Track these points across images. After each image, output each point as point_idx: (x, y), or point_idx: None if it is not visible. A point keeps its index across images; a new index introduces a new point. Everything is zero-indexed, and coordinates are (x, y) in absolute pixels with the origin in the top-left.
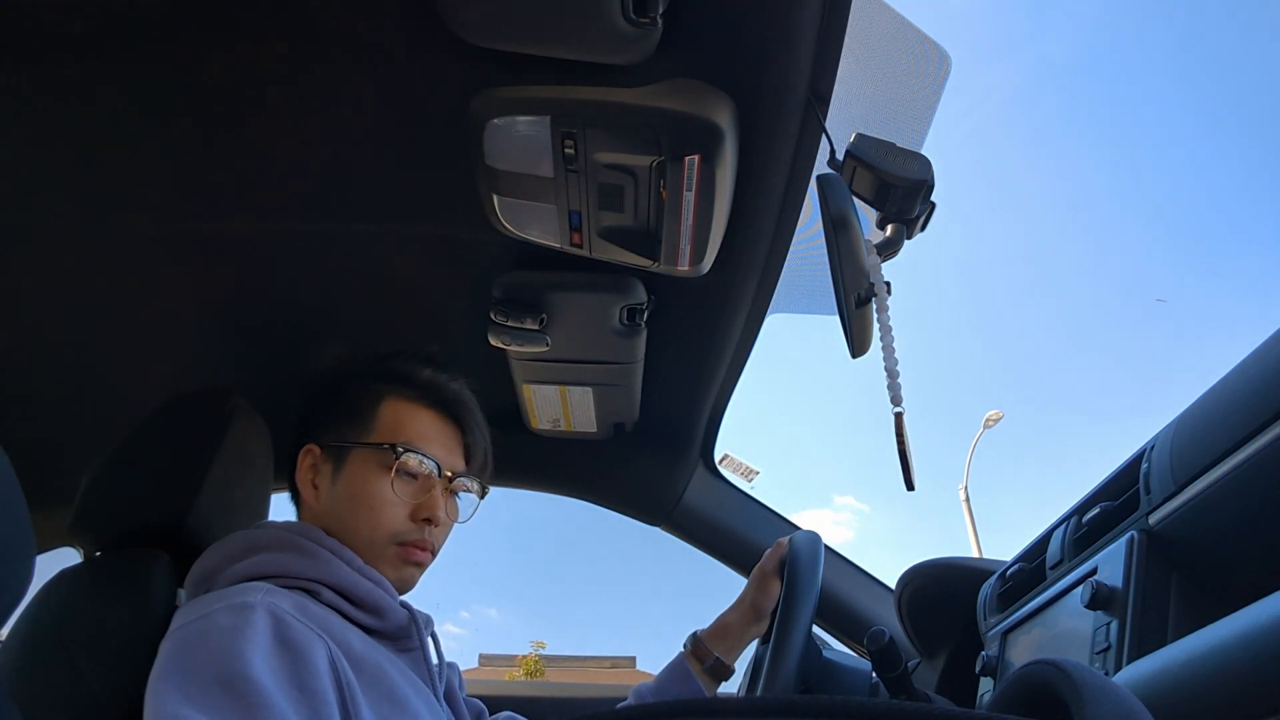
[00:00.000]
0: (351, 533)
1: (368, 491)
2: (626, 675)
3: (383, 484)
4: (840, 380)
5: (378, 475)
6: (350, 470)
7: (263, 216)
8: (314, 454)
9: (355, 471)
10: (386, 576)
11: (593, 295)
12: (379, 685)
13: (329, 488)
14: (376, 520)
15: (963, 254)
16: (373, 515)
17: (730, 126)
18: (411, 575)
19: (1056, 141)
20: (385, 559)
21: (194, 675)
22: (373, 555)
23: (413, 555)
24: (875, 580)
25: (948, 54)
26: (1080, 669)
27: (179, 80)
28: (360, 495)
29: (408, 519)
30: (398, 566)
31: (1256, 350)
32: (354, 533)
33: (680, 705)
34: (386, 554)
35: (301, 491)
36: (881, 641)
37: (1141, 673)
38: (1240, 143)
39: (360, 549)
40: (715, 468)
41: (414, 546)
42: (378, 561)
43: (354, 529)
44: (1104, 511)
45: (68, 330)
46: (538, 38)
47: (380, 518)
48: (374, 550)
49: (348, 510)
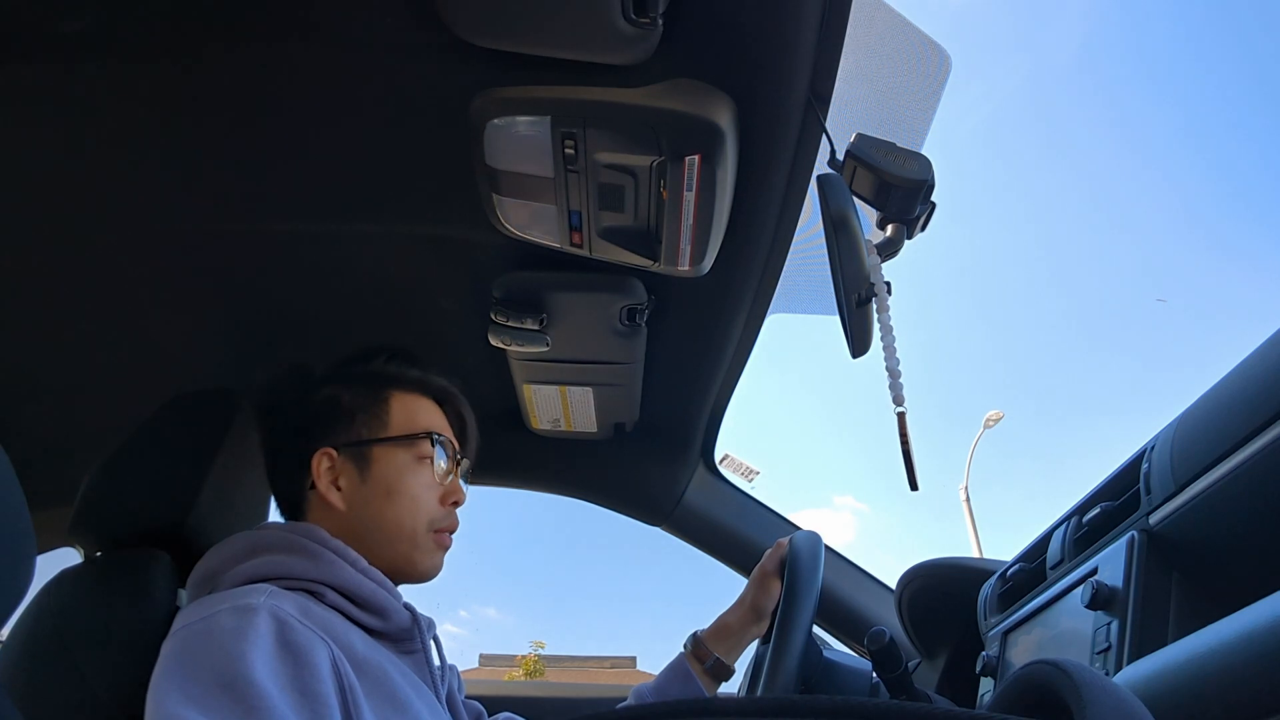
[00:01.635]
0: (391, 526)
1: (405, 483)
2: (626, 675)
3: (418, 474)
4: (840, 380)
5: (412, 466)
6: (380, 467)
7: (263, 216)
8: (331, 457)
9: (386, 467)
10: (424, 565)
11: (593, 295)
12: (381, 687)
13: (357, 487)
14: (416, 509)
15: (961, 254)
16: (413, 505)
17: (730, 126)
18: (441, 561)
19: (1058, 138)
20: (424, 547)
21: (196, 676)
22: (413, 545)
23: (446, 540)
24: (875, 580)
25: (948, 54)
26: (1081, 669)
27: (179, 81)
28: (398, 488)
29: (439, 504)
30: (434, 553)
31: (1257, 350)
32: (394, 525)
33: (680, 705)
34: (426, 542)
35: (325, 496)
36: (882, 641)
37: (1142, 673)
38: (1245, 141)
39: (401, 541)
40: (715, 468)
41: (446, 531)
42: (417, 551)
43: (395, 521)
44: (1104, 511)
45: (68, 330)
46: (538, 38)
47: (420, 506)
48: (415, 540)
49: (385, 505)
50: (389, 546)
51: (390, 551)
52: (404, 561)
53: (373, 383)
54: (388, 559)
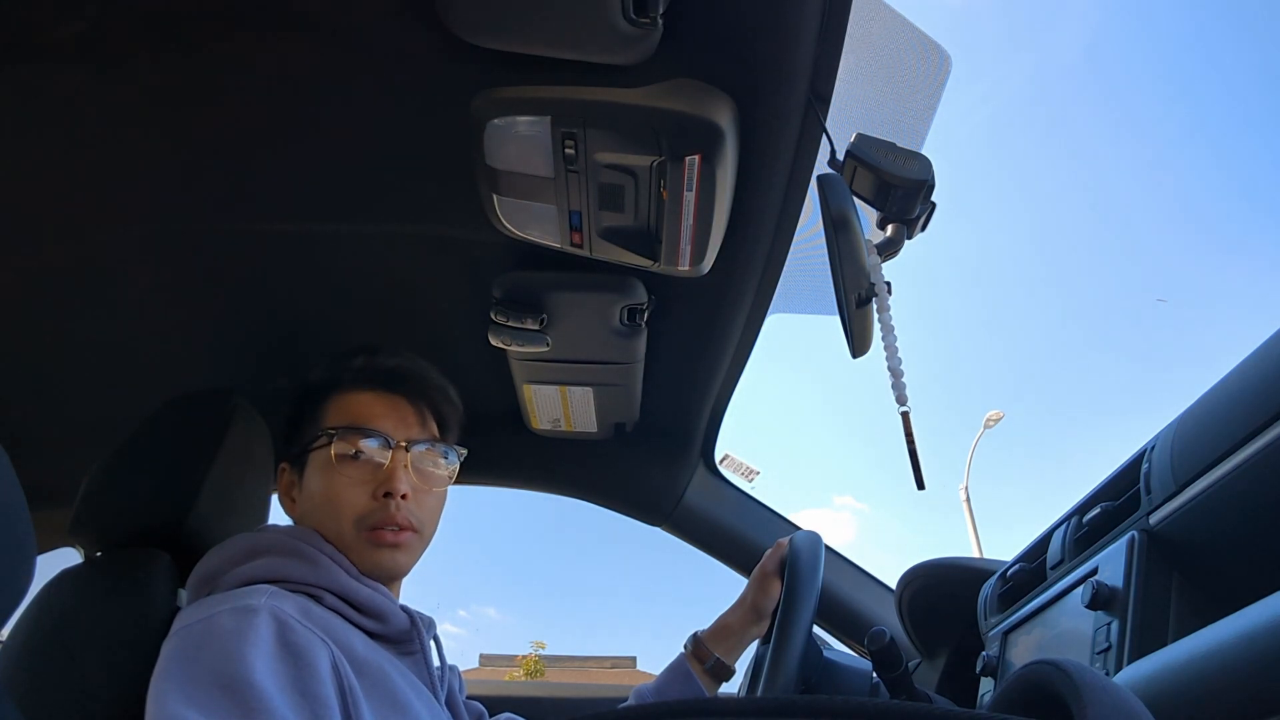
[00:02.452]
0: (328, 530)
1: (324, 484)
2: (627, 675)
3: (333, 473)
4: (840, 380)
5: (329, 467)
6: (310, 473)
7: (263, 217)
8: (285, 470)
9: (313, 472)
10: (364, 565)
11: (593, 295)
12: (381, 688)
13: (301, 497)
14: (338, 509)
15: (963, 253)
16: (333, 506)
17: (731, 126)
18: (388, 559)
19: (1061, 137)
20: (356, 549)
21: (196, 677)
22: (345, 547)
23: (383, 538)
24: (876, 580)
25: (948, 54)
26: (1081, 669)
27: (178, 81)
28: (320, 491)
29: (369, 499)
30: (369, 552)
31: (1257, 350)
32: (328, 529)
33: (680, 705)
34: (357, 544)
35: (284, 509)
36: (882, 641)
37: (1142, 673)
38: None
39: (341, 547)
40: (716, 468)
41: (381, 528)
42: (351, 553)
43: (326, 527)
44: (1104, 511)
45: (68, 330)
46: (538, 38)
47: (340, 506)
48: (345, 542)
49: (318, 511)
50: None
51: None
52: (355, 563)
53: (318, 389)
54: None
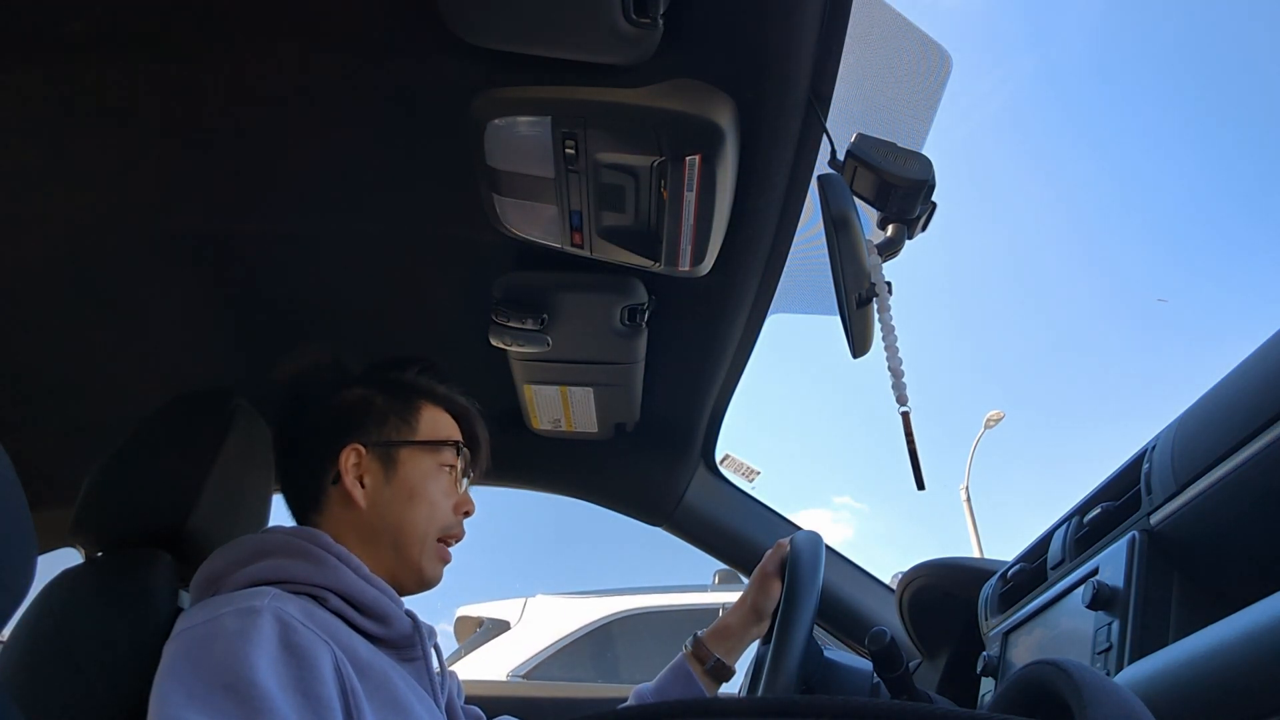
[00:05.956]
0: (408, 528)
1: (426, 487)
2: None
3: (438, 480)
4: (840, 380)
5: (434, 472)
6: (405, 469)
7: (263, 216)
8: (359, 454)
9: (411, 470)
10: (429, 572)
11: (593, 295)
12: (383, 692)
13: (380, 487)
14: (433, 514)
15: (960, 252)
16: (431, 510)
17: (731, 126)
18: (440, 572)
19: (1057, 141)
20: (430, 553)
21: (199, 678)
22: (423, 550)
23: (446, 553)
24: (876, 580)
25: (949, 54)
26: (1082, 669)
27: (178, 81)
28: (420, 491)
29: (451, 513)
30: (433, 563)
31: (1257, 350)
32: (410, 527)
33: (681, 705)
34: (429, 550)
35: (350, 491)
36: (883, 642)
37: (1143, 673)
38: (1241, 142)
39: (413, 544)
40: (716, 468)
41: (453, 539)
42: (424, 557)
43: (412, 523)
44: (1105, 512)
45: (68, 330)
46: (538, 38)
47: (436, 512)
48: (424, 545)
49: (406, 507)
50: (399, 550)
51: (398, 555)
52: (410, 566)
53: (406, 390)
54: (392, 564)
